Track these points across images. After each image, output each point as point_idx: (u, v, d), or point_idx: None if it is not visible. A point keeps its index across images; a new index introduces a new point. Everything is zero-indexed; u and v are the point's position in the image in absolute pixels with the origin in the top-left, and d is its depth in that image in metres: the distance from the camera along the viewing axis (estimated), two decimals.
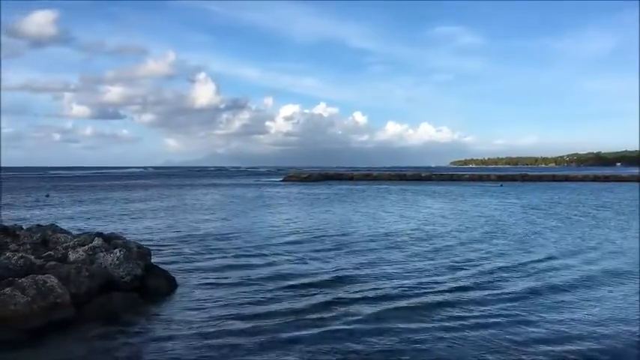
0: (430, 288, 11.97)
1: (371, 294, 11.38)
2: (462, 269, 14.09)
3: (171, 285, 11.81)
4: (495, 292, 11.58)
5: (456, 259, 15.66)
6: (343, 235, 20.86)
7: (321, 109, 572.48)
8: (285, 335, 8.70)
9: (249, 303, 10.64)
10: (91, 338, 8.53)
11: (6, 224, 13.91)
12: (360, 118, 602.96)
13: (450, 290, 11.72)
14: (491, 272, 13.66)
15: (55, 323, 8.74)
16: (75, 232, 14.63)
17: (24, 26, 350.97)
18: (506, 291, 11.65)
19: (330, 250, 17.27)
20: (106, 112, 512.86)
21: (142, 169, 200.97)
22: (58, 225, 14.98)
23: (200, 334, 8.80)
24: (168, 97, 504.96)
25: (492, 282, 12.55)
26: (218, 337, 8.59)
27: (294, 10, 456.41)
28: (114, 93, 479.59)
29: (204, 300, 10.88)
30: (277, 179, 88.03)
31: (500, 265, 14.64)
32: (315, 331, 8.94)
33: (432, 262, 15.20)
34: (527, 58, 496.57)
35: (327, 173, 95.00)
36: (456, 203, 38.13)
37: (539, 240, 19.54)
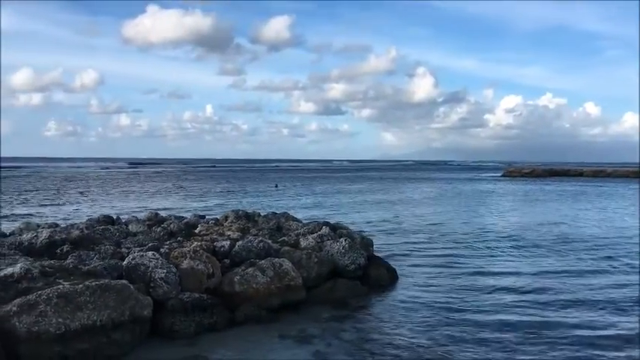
0: None
1: None
2: None
3: (392, 276, 12.01)
4: None
5: None
6: (585, 241, 17.89)
7: (547, 100, 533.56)
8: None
9: (474, 306, 10.11)
10: (321, 320, 9.12)
11: (248, 211, 15.53)
12: (592, 109, 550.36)
13: None
14: None
15: (288, 303, 9.49)
16: (303, 221, 15.70)
17: (263, 32, 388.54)
18: None
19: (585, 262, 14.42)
20: (329, 108, 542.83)
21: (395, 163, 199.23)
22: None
23: (422, 326, 8.84)
24: (387, 93, 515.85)
25: None
26: (441, 333, 8.51)
27: None
28: (337, 90, 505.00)
29: (426, 295, 10.82)
30: (497, 174, 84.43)
31: None
32: None
33: None
34: None
35: (552, 169, 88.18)
36: None
37: None
